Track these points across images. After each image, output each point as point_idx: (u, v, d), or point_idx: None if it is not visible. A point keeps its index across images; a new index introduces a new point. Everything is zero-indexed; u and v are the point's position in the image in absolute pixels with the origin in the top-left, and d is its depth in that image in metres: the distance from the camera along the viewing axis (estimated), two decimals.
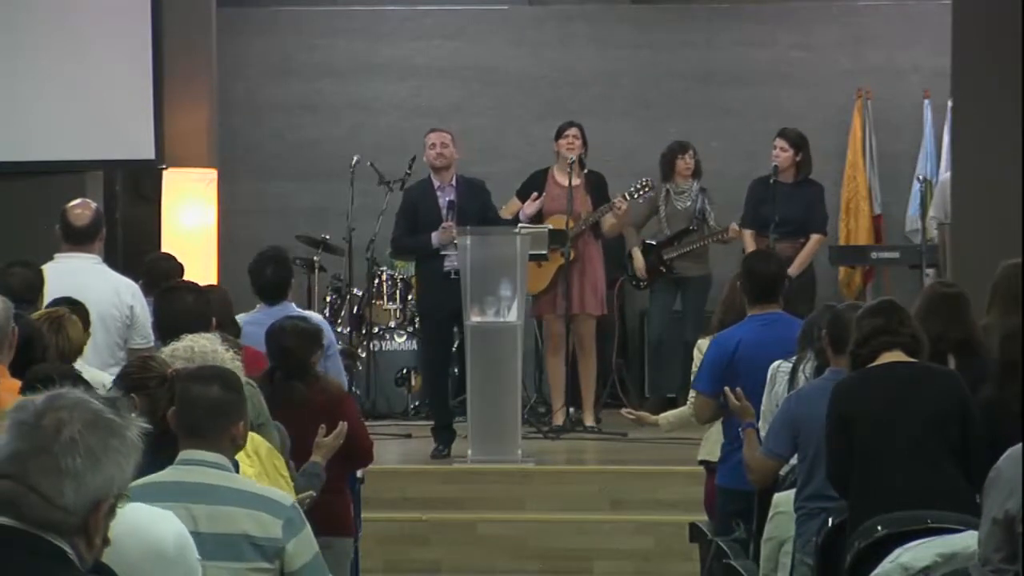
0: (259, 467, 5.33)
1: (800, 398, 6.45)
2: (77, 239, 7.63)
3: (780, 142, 11.43)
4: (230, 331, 6.58)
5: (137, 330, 7.45)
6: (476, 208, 10.32)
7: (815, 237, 11.32)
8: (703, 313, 11.55)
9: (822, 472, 6.15)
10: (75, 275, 7.31)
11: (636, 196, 11.24)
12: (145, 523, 3.68)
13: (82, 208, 7.76)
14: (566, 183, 10.91)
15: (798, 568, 6.23)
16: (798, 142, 11.44)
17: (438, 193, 10.39)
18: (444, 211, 10.31)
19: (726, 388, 6.87)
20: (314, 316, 8.21)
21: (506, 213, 11.06)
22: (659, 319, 12.02)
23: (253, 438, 5.42)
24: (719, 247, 11.84)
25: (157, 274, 7.95)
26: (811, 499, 6.22)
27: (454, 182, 10.38)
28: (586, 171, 11.14)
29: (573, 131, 11.09)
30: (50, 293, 6.73)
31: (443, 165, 10.37)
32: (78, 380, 4.49)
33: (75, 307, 6.33)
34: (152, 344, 7.38)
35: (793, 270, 10.56)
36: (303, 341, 6.72)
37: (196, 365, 4.86)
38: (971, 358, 6.19)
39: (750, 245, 11.24)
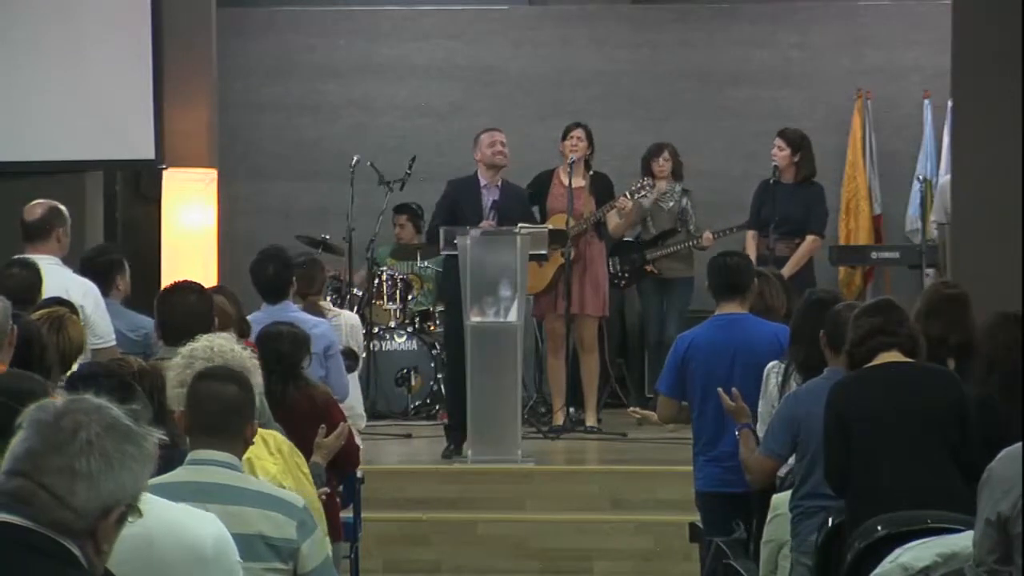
0: (283, 464, 5.33)
1: (800, 398, 6.45)
2: (29, 235, 7.62)
3: (778, 141, 11.46)
4: (240, 330, 6.61)
5: (92, 329, 7.35)
6: (517, 214, 10.30)
7: (810, 238, 11.31)
8: (686, 314, 11.58)
9: (819, 471, 6.16)
10: None
11: (637, 195, 11.26)
12: (185, 523, 3.68)
13: (36, 205, 7.75)
14: (573, 184, 10.94)
15: (796, 568, 6.23)
16: (796, 142, 11.44)
17: (483, 191, 10.37)
18: (486, 210, 10.29)
19: (719, 390, 6.87)
20: (310, 319, 8.20)
21: None
22: (655, 320, 12.04)
23: (275, 436, 5.43)
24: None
25: (95, 271, 7.91)
26: (807, 498, 6.22)
27: (499, 184, 10.38)
28: (592, 172, 11.17)
29: (578, 132, 11.10)
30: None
31: (503, 164, 10.35)
32: (127, 385, 4.47)
33: (67, 307, 6.32)
34: (113, 343, 7.34)
35: (787, 270, 10.56)
36: (297, 346, 6.72)
37: (216, 364, 4.86)
38: (971, 360, 6.19)
39: (750, 247, 11.27)
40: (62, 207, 7.84)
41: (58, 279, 7.41)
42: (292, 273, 8.10)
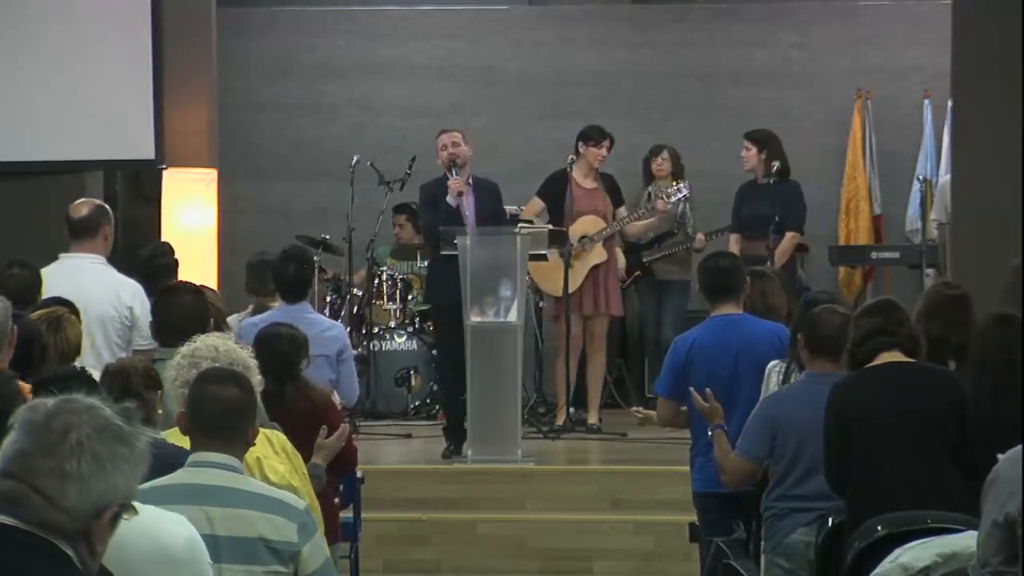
0: (289, 464, 5.33)
1: (778, 400, 6.46)
2: (76, 233, 7.61)
3: (745, 142, 11.59)
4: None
5: (138, 331, 7.40)
6: (492, 209, 10.34)
7: (789, 235, 11.33)
8: (684, 315, 11.63)
9: (797, 473, 6.23)
10: (74, 275, 7.29)
11: (673, 198, 11.40)
12: (156, 525, 3.67)
13: (82, 203, 7.77)
14: (588, 186, 11.15)
15: (771, 569, 6.24)
16: (762, 141, 11.55)
17: None
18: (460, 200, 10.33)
19: (692, 389, 6.87)
20: (324, 322, 8.19)
21: (528, 213, 11.12)
22: (653, 322, 12.08)
23: (278, 436, 5.42)
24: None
25: (154, 272, 7.93)
26: (780, 499, 6.28)
27: (470, 181, 10.37)
28: (598, 172, 11.30)
29: (607, 143, 11.21)
30: (50, 292, 6.71)
31: (458, 165, 10.34)
32: (91, 383, 4.48)
33: (67, 307, 6.32)
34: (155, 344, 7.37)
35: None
36: (296, 347, 6.71)
37: (220, 364, 4.85)
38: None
39: (734, 250, 11.28)
40: (106, 205, 7.86)
41: (108, 279, 7.45)
42: (312, 274, 8.08)
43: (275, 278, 7.99)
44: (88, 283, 7.23)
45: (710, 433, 6.72)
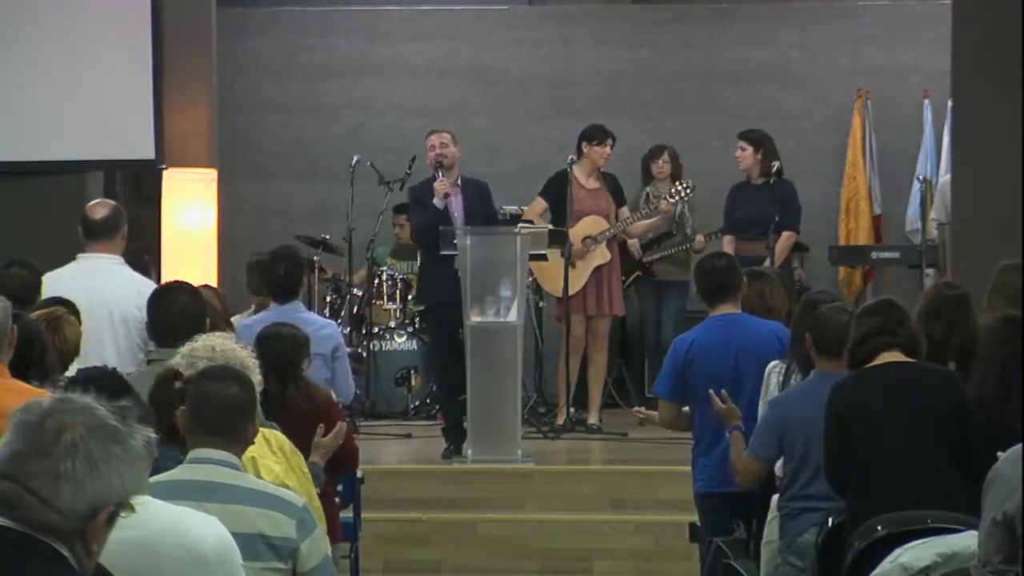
0: (284, 463, 5.33)
1: (786, 400, 6.46)
2: (95, 234, 7.55)
3: (740, 143, 11.58)
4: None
5: None
6: (482, 209, 10.35)
7: (785, 234, 11.34)
8: (683, 315, 11.64)
9: (807, 474, 6.22)
10: (95, 275, 7.26)
11: (677, 198, 11.42)
12: (184, 525, 3.67)
13: (99, 204, 7.74)
14: (590, 186, 11.19)
15: (782, 568, 6.25)
16: (757, 141, 11.55)
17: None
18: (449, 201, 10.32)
19: (710, 391, 6.86)
20: (319, 321, 8.18)
21: (530, 213, 11.13)
22: (653, 322, 12.10)
23: (276, 435, 5.43)
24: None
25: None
26: (794, 499, 6.27)
27: (459, 182, 10.37)
28: (600, 172, 11.35)
29: (610, 142, 11.27)
30: (72, 293, 6.64)
31: (445, 166, 10.33)
32: (123, 384, 4.47)
33: (67, 307, 6.30)
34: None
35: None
36: (297, 346, 6.71)
37: (218, 364, 4.86)
38: (972, 363, 6.17)
39: (728, 251, 11.30)
40: (120, 206, 7.84)
41: (129, 280, 7.41)
42: (303, 273, 8.09)
43: (266, 279, 7.98)
44: (110, 284, 7.20)
45: (728, 435, 6.73)
